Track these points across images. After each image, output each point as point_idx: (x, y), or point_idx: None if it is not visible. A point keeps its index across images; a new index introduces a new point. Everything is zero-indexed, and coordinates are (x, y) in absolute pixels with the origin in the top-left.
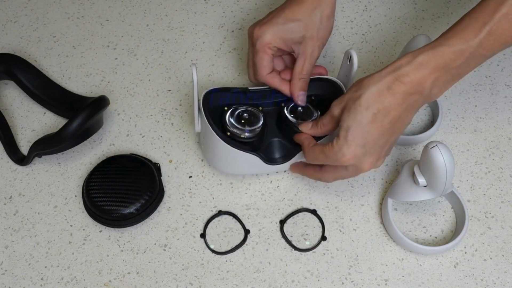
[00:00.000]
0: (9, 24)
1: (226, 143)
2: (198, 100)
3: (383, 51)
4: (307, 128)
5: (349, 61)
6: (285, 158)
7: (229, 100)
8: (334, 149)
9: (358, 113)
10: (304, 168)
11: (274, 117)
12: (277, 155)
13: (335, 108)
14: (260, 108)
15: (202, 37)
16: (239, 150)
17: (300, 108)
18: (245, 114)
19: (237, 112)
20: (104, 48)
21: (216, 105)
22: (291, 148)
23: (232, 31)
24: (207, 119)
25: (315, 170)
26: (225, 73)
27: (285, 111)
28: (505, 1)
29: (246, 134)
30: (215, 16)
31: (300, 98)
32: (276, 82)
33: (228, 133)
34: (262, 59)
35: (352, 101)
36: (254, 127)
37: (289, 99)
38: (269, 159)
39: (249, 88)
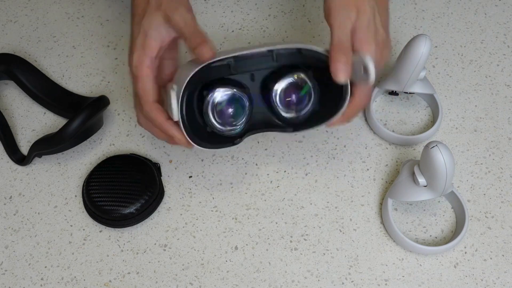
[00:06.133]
0: (9, 24)
1: (213, 148)
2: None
3: None
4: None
5: (363, 72)
6: (268, 130)
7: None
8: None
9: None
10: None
11: (264, 88)
12: (261, 126)
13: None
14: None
15: None
16: (228, 146)
17: (293, 94)
18: (230, 110)
19: (218, 109)
20: (104, 48)
21: (195, 92)
22: (277, 123)
23: (232, 31)
24: (186, 132)
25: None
26: None
27: (275, 100)
28: None
29: (236, 130)
30: (215, 16)
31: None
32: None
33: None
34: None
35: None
36: (239, 121)
37: (277, 74)
38: (252, 128)
39: (235, 56)
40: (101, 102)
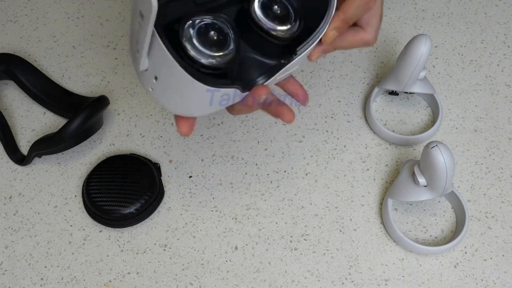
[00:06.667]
0: (9, 24)
1: (198, 80)
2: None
3: (383, 51)
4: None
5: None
6: (265, 77)
7: (178, 12)
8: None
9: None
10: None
11: (239, 23)
12: (255, 75)
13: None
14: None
15: None
16: (218, 87)
17: (275, 5)
18: (211, 32)
19: (196, 29)
20: (104, 48)
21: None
22: (269, 64)
23: None
24: (163, 43)
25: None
26: None
27: (255, 11)
28: None
29: (217, 59)
30: None
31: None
32: None
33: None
34: None
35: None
36: (226, 51)
37: None
38: (247, 84)
39: None
40: (101, 102)
